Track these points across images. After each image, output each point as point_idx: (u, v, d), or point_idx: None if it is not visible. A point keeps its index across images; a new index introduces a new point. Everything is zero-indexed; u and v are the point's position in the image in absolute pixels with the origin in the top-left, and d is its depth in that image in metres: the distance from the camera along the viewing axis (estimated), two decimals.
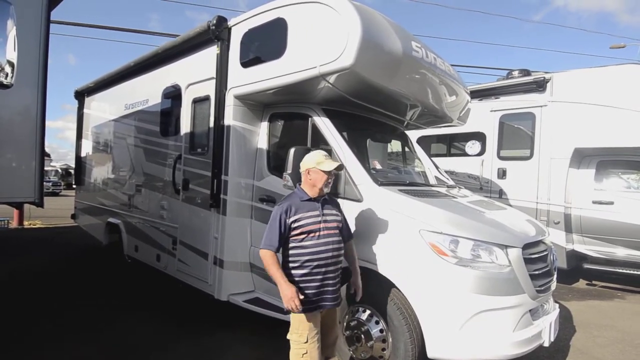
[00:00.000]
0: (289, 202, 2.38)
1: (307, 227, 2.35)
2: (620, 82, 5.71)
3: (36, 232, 10.12)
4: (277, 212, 2.34)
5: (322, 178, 2.42)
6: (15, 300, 4.51)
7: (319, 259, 2.35)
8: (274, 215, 2.35)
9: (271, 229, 2.33)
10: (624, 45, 16.54)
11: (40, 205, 3.60)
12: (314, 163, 2.41)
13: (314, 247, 2.35)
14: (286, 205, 2.36)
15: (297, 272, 2.34)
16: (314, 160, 2.42)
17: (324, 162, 2.42)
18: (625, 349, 3.79)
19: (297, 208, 2.37)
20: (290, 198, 2.43)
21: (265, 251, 2.31)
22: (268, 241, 2.33)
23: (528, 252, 2.78)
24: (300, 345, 2.32)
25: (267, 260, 2.31)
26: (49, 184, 27.23)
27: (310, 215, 2.37)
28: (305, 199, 2.42)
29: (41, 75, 3.22)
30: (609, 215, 5.68)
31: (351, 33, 2.81)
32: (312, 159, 2.44)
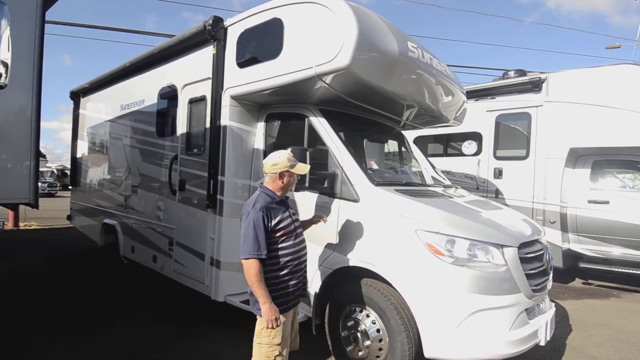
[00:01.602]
0: (264, 204, 2.26)
1: (287, 228, 2.31)
2: (615, 82, 5.76)
3: (32, 233, 10.06)
4: (258, 216, 2.19)
5: (294, 181, 2.42)
6: (10, 302, 4.48)
7: (298, 257, 2.36)
8: (255, 220, 2.18)
9: (256, 234, 2.16)
10: (619, 45, 16.66)
11: (35, 207, 3.58)
12: (288, 166, 2.36)
13: (292, 247, 2.33)
14: (264, 207, 2.24)
15: (277, 273, 2.28)
16: (287, 164, 2.36)
17: (298, 165, 2.41)
18: (621, 348, 3.81)
19: (274, 210, 2.29)
20: (262, 199, 2.29)
21: (252, 261, 2.14)
22: (255, 248, 2.14)
23: (524, 251, 2.79)
24: (273, 347, 2.24)
25: (253, 273, 2.13)
26: (45, 185, 27.12)
27: (286, 216, 2.35)
28: (277, 200, 2.36)
29: (36, 76, 3.20)
30: (604, 215, 5.72)
31: (347, 33, 2.81)
32: (284, 161, 2.36)
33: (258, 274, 2.13)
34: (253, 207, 2.22)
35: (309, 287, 3.19)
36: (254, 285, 2.15)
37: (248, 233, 2.16)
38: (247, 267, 2.14)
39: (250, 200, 2.33)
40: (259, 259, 2.15)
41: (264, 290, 2.15)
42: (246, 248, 2.15)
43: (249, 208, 2.24)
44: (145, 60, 5.03)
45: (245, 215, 2.24)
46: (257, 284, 2.13)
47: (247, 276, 2.16)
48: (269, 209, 2.26)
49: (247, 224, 2.19)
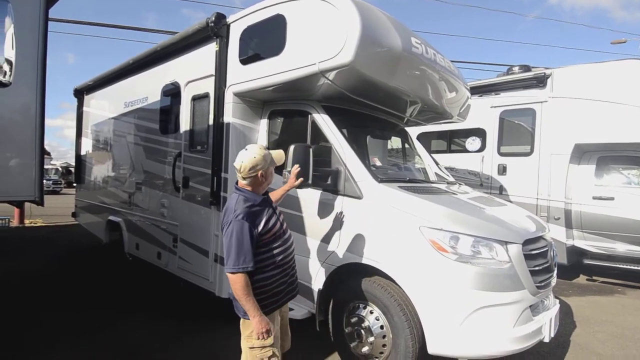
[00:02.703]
0: (246, 210, 2.06)
1: (274, 228, 2.18)
2: (620, 77, 5.70)
3: (37, 230, 10.13)
4: (242, 225, 2.00)
5: (273, 175, 2.27)
6: (12, 301, 4.51)
7: (288, 254, 2.26)
8: (237, 230, 1.99)
9: (241, 245, 1.99)
10: (625, 40, 16.48)
11: (40, 204, 3.60)
12: (269, 163, 2.18)
13: (282, 246, 2.22)
14: (246, 214, 2.04)
15: (270, 273, 2.15)
16: (265, 161, 2.15)
17: (273, 156, 2.23)
18: (625, 344, 3.80)
19: (257, 213, 2.12)
20: (242, 205, 2.07)
21: (239, 275, 1.97)
22: (241, 260, 1.97)
23: (528, 248, 2.78)
24: (266, 349, 2.13)
25: (241, 287, 1.97)
26: (50, 183, 27.29)
27: (271, 215, 2.20)
28: (259, 200, 2.18)
29: (40, 74, 3.21)
30: (609, 211, 5.68)
31: (350, 29, 2.80)
32: (261, 160, 2.13)
33: (245, 288, 1.98)
34: (234, 216, 2.02)
35: (312, 284, 3.21)
36: (241, 299, 2.00)
37: (231, 245, 1.99)
38: (232, 281, 1.99)
39: (229, 207, 2.11)
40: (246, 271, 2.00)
41: (252, 303, 2.01)
42: (230, 261, 1.98)
43: (230, 217, 2.04)
44: (148, 57, 5.04)
45: (226, 225, 2.04)
46: (245, 298, 1.99)
47: (233, 290, 2.01)
48: (252, 213, 2.08)
49: (228, 235, 2.01)
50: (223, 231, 2.08)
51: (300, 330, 3.56)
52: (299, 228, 3.34)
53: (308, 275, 3.24)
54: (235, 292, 2.01)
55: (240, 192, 2.16)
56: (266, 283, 2.14)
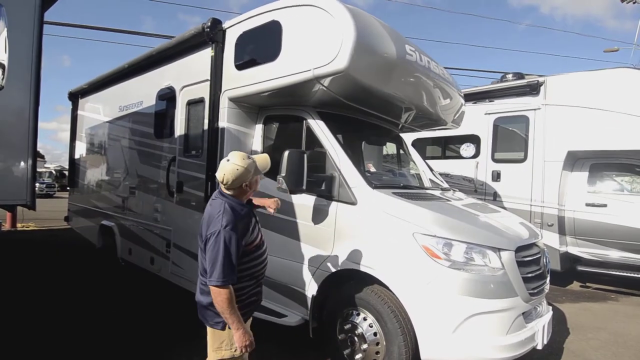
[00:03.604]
0: (234, 219, 1.96)
1: (257, 238, 2.13)
2: (613, 85, 5.77)
3: (29, 234, 10.03)
4: (232, 237, 1.91)
5: (259, 183, 2.19)
6: (4, 304, 4.44)
7: (265, 264, 2.21)
8: (227, 241, 1.89)
9: (229, 257, 1.89)
10: (617, 49, 16.75)
11: (32, 208, 3.57)
12: (253, 172, 2.07)
13: (262, 256, 2.17)
14: (235, 224, 1.95)
15: (247, 283, 2.08)
16: (251, 170, 2.05)
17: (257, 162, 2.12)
18: (618, 351, 3.81)
19: (245, 223, 2.04)
20: (230, 214, 1.97)
21: (224, 289, 1.86)
22: (226, 274, 1.86)
23: (521, 254, 2.79)
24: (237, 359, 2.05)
25: (224, 299, 1.86)
26: (43, 186, 27.04)
27: (254, 223, 2.14)
28: (245, 210, 2.09)
29: (34, 77, 3.19)
30: (602, 218, 5.73)
31: (345, 36, 2.82)
32: (248, 171, 2.02)
33: (230, 300, 1.88)
34: (223, 227, 1.91)
35: (306, 290, 3.19)
36: (225, 312, 1.89)
37: (218, 257, 1.87)
38: (217, 294, 1.87)
39: (215, 216, 1.97)
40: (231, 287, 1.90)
41: (237, 315, 1.91)
42: (217, 274, 1.85)
43: (217, 227, 1.91)
44: (143, 61, 5.03)
45: (213, 235, 1.91)
46: (230, 310, 1.88)
47: (216, 302, 1.89)
48: (239, 223, 1.98)
49: (217, 246, 1.88)
50: (208, 241, 1.93)
51: (293, 337, 3.55)
52: (293, 234, 3.34)
53: (302, 281, 3.23)
54: (219, 305, 1.89)
55: (226, 199, 2.04)
56: (242, 293, 2.05)
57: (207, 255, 1.92)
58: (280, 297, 3.44)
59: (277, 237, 3.47)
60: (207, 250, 1.93)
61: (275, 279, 3.47)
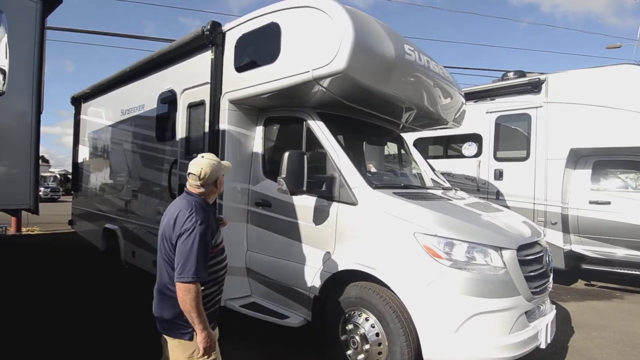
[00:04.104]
0: (205, 217, 1.94)
1: (221, 242, 2.10)
2: (615, 82, 5.74)
3: (34, 238, 10.09)
4: (203, 232, 1.88)
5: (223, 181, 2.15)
6: (6, 308, 4.46)
7: (226, 269, 2.17)
8: (199, 236, 1.86)
9: (204, 252, 1.87)
10: (619, 45, 16.65)
11: (35, 212, 3.60)
12: (222, 169, 2.09)
13: (224, 261, 2.14)
14: (207, 222, 1.94)
15: (212, 290, 2.02)
16: (217, 170, 2.05)
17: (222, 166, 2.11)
18: (624, 350, 3.78)
19: (213, 223, 2.02)
20: (201, 211, 1.95)
21: (196, 285, 1.81)
22: (200, 270, 1.83)
23: (523, 253, 2.78)
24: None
25: (192, 297, 1.80)
26: (48, 190, 27.23)
27: (216, 225, 2.12)
28: (212, 211, 2.09)
29: (36, 83, 3.23)
30: (606, 216, 5.69)
31: (344, 37, 2.82)
32: (214, 170, 2.03)
33: (197, 298, 1.82)
34: (198, 222, 1.89)
35: (308, 291, 3.20)
36: (192, 311, 1.81)
37: (192, 252, 1.83)
38: (185, 291, 1.80)
39: (188, 215, 1.92)
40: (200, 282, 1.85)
41: (203, 315, 1.85)
42: (189, 269, 1.81)
43: (191, 224, 1.88)
44: (145, 65, 5.06)
45: (187, 231, 1.87)
46: (196, 309, 1.82)
47: (184, 301, 1.81)
48: (209, 222, 1.96)
49: (191, 241, 1.85)
50: (180, 237, 1.87)
51: (296, 338, 3.56)
52: (294, 235, 3.34)
53: (303, 282, 3.23)
54: (187, 304, 1.80)
55: (194, 198, 2.01)
56: (208, 300, 1.99)
57: (179, 252, 1.86)
58: (282, 298, 3.44)
59: (278, 238, 3.48)
60: (179, 246, 1.86)
61: (277, 280, 3.48)
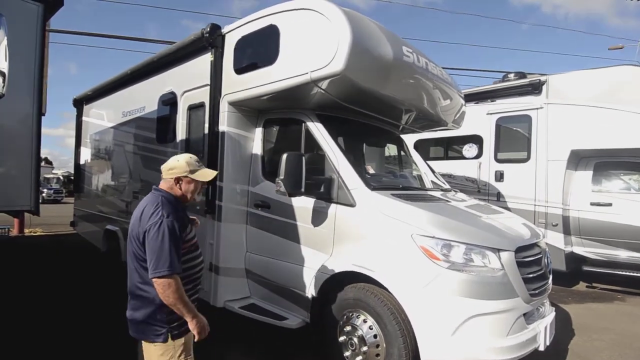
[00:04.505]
0: (174, 212, 1.93)
1: (193, 238, 2.07)
2: (616, 83, 5.72)
3: (36, 239, 10.13)
4: (171, 224, 1.85)
5: (195, 189, 2.08)
6: (7, 309, 4.48)
7: (200, 269, 2.12)
8: (171, 229, 1.84)
9: (176, 245, 1.83)
10: (622, 46, 16.61)
11: (36, 214, 3.62)
12: (187, 171, 2.02)
13: (197, 259, 2.08)
14: (175, 215, 1.91)
15: (186, 287, 1.94)
16: (186, 168, 2.02)
17: (201, 171, 2.07)
18: (624, 352, 3.76)
19: (182, 217, 1.99)
20: (167, 206, 1.93)
21: (175, 278, 1.79)
22: (173, 261, 1.79)
23: (521, 255, 2.78)
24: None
25: (177, 289, 1.78)
26: (51, 192, 27.32)
27: (190, 226, 2.10)
28: (180, 205, 2.06)
29: (37, 85, 3.25)
30: (607, 217, 5.66)
31: (341, 39, 2.83)
32: (182, 165, 2.02)
33: (178, 290, 1.79)
34: (165, 215, 1.87)
35: (306, 293, 3.20)
36: (177, 303, 1.80)
37: (164, 245, 1.80)
38: (164, 286, 1.77)
39: (154, 209, 1.90)
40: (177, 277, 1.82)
41: (189, 303, 1.85)
42: (164, 263, 1.78)
43: (158, 217, 1.86)
44: (146, 67, 5.09)
45: (155, 225, 1.84)
46: (181, 300, 1.80)
47: (166, 296, 1.78)
48: (178, 216, 1.94)
49: (160, 234, 1.82)
50: (148, 233, 1.84)
51: (294, 340, 3.56)
52: (293, 236, 3.35)
53: (302, 283, 3.23)
54: (170, 298, 1.78)
55: (161, 194, 2.02)
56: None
57: (149, 247, 1.82)
58: (281, 299, 3.45)
59: (277, 239, 3.49)
60: (149, 242, 1.83)
61: (276, 282, 3.48)
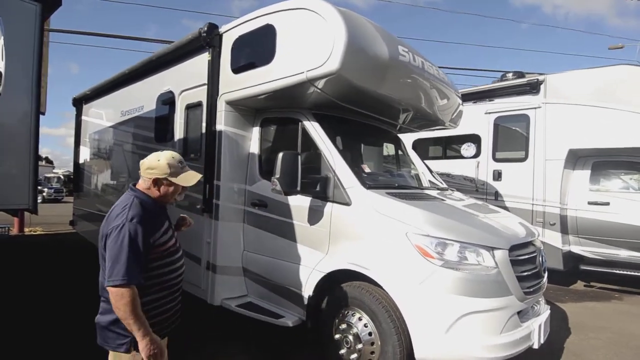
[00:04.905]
0: (140, 214, 1.76)
1: (169, 242, 1.89)
2: (613, 82, 5.73)
3: (36, 238, 10.16)
4: (137, 230, 1.69)
5: (175, 192, 1.93)
6: (6, 309, 4.49)
7: (179, 274, 1.96)
8: (133, 234, 1.68)
9: (134, 252, 1.66)
10: (622, 46, 16.58)
11: (34, 212, 3.64)
12: (167, 174, 1.86)
13: (175, 263, 1.91)
14: (141, 218, 1.74)
15: (158, 295, 1.82)
16: (166, 170, 1.85)
17: (183, 175, 1.91)
18: (620, 351, 3.77)
19: (154, 221, 1.83)
20: (136, 208, 1.78)
21: (128, 289, 1.62)
22: (131, 271, 1.63)
23: (515, 253, 2.79)
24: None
25: (125, 302, 1.61)
26: (52, 191, 27.36)
27: (167, 227, 1.93)
28: (156, 207, 1.90)
29: (35, 84, 3.27)
30: (605, 216, 5.68)
31: (337, 38, 2.84)
32: (162, 166, 1.85)
33: (131, 303, 1.62)
34: (128, 219, 1.71)
35: (303, 291, 3.21)
36: (127, 318, 1.62)
37: (121, 252, 1.65)
38: (116, 296, 1.62)
39: (121, 210, 1.77)
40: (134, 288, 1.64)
41: (142, 320, 1.65)
42: (118, 271, 1.62)
43: (121, 220, 1.71)
44: (144, 67, 5.11)
45: (116, 229, 1.69)
46: (132, 315, 1.62)
47: (117, 307, 1.63)
48: (148, 219, 1.78)
49: (119, 240, 1.66)
50: (109, 236, 1.71)
51: (291, 338, 3.58)
52: (289, 235, 3.36)
53: (298, 282, 3.25)
54: (120, 310, 1.63)
55: (136, 194, 1.87)
56: (154, 306, 1.81)
57: (108, 252, 1.68)
58: (278, 298, 3.47)
59: (274, 238, 3.51)
60: (108, 245, 1.69)
61: (273, 280, 3.50)
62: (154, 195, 1.90)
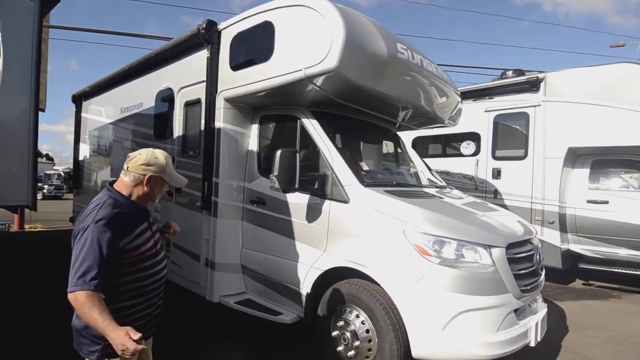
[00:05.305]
0: (112, 215, 1.64)
1: (145, 245, 1.76)
2: (614, 80, 5.71)
3: (36, 235, 10.18)
4: (102, 233, 1.57)
5: (161, 192, 1.85)
6: (5, 306, 4.49)
7: (159, 278, 1.85)
8: (95, 237, 1.56)
9: (94, 256, 1.54)
10: (623, 44, 16.55)
11: (33, 209, 3.65)
12: (163, 172, 1.78)
13: (152, 268, 1.79)
14: (111, 220, 1.62)
15: (134, 301, 1.73)
16: (163, 168, 1.77)
17: (176, 176, 1.87)
18: (617, 349, 3.78)
19: (127, 223, 1.70)
20: (107, 209, 1.65)
21: (80, 294, 1.49)
22: (86, 276, 1.51)
23: (512, 251, 2.79)
24: None
25: (84, 304, 1.49)
26: (52, 188, 27.42)
27: (145, 229, 1.79)
28: (133, 209, 1.76)
29: (34, 81, 3.27)
30: (604, 215, 5.67)
31: (335, 36, 2.84)
32: (161, 163, 1.77)
33: (88, 303, 1.49)
34: (94, 221, 1.59)
35: (301, 288, 3.22)
36: (90, 321, 1.51)
37: (80, 255, 1.54)
38: (73, 302, 1.52)
39: (91, 210, 1.66)
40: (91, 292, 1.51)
41: (103, 317, 1.49)
42: (74, 275, 1.52)
43: (88, 221, 1.60)
44: (143, 63, 5.11)
45: (82, 230, 1.59)
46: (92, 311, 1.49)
47: (80, 314, 1.55)
48: (119, 222, 1.65)
49: (82, 242, 1.56)
50: (76, 238, 1.61)
51: (289, 334, 3.59)
52: (287, 232, 3.37)
53: (296, 279, 3.26)
54: (85, 317, 1.52)
55: (111, 193, 1.73)
56: (128, 313, 1.70)
57: (73, 253, 1.59)
58: (276, 295, 3.48)
59: (272, 235, 3.52)
60: (73, 246, 1.60)
61: (271, 277, 3.51)
62: (136, 194, 1.77)
